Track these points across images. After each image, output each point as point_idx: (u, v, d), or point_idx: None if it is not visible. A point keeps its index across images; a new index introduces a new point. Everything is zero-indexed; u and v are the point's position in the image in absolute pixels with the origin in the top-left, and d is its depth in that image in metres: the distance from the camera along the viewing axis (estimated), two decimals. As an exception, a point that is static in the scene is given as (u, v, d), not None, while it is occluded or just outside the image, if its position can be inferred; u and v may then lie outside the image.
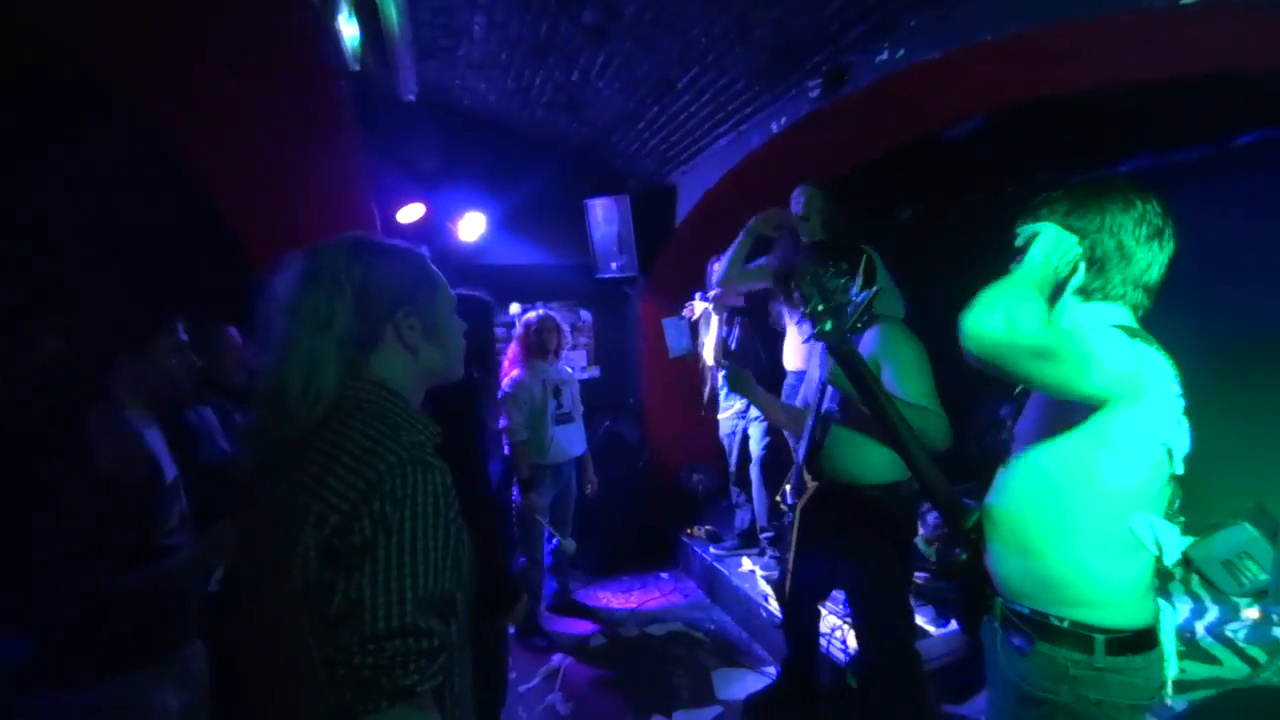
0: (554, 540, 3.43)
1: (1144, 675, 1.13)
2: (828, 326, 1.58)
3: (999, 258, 1.24)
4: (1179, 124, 2.79)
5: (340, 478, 0.78)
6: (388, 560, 0.74)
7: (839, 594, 2.69)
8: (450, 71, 3.38)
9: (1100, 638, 1.11)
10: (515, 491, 3.34)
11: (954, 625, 2.72)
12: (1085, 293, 1.19)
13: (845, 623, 2.69)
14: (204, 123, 1.61)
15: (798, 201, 2.90)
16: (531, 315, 3.45)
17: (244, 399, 1.93)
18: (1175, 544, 1.09)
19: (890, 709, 2.09)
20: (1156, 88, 2.50)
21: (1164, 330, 1.19)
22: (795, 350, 3.13)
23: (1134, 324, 1.17)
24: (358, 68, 2.27)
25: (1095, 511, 1.12)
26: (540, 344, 3.38)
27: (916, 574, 2.84)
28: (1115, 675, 1.11)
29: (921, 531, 3.01)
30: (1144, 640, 1.13)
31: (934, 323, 2.12)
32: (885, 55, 2.56)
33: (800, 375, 3.00)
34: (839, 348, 1.57)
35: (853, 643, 2.52)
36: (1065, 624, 1.12)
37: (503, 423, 3.27)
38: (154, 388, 1.52)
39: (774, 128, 3.19)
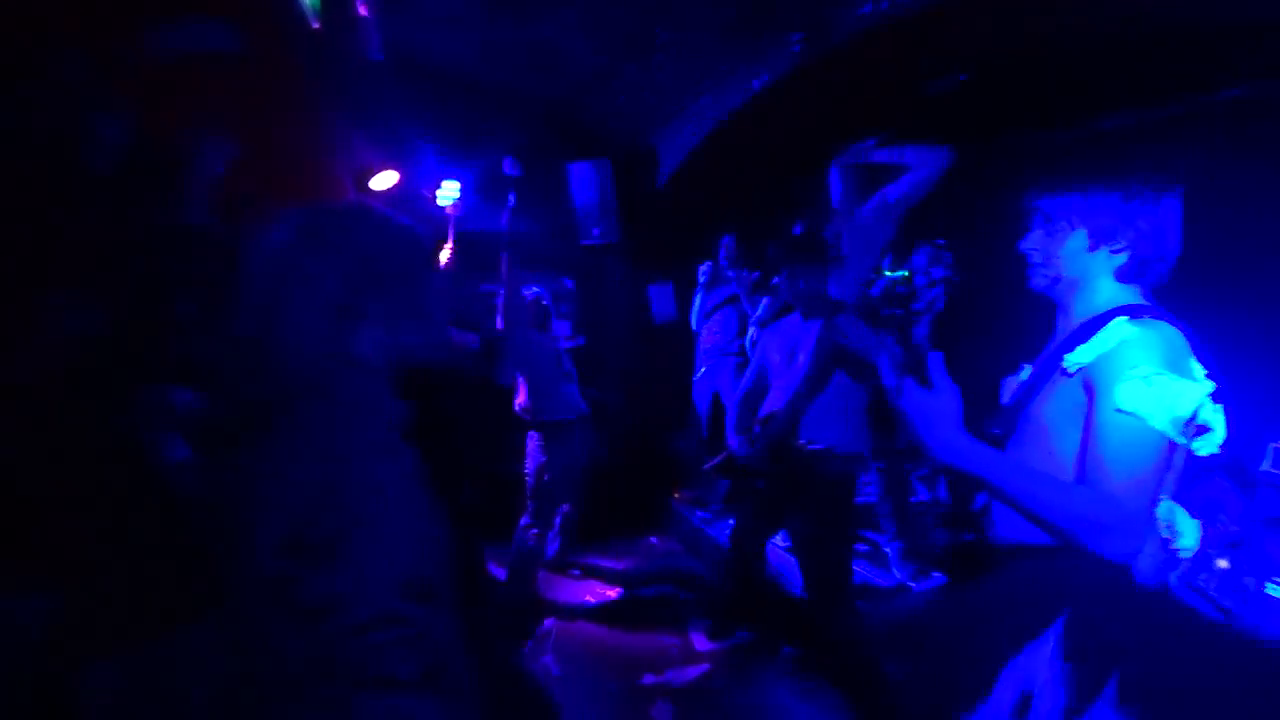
0: (564, 505, 3.55)
1: None
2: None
3: (985, 216, 1.22)
4: (1162, 79, 2.76)
5: (303, 465, 0.74)
6: (360, 551, 0.71)
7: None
8: (419, 28, 3.24)
9: None
10: (531, 459, 3.37)
11: (933, 580, 2.82)
12: None
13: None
14: (154, 86, 1.51)
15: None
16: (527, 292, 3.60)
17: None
18: (1191, 530, 1.08)
19: (839, 656, 2.31)
20: (1139, 40, 2.45)
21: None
22: None
23: None
24: (318, 25, 2.15)
25: None
26: (538, 317, 3.56)
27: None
28: None
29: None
30: None
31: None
32: (868, 8, 2.49)
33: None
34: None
35: None
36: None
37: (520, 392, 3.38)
38: None
39: (755, 85, 3.11)
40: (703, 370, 3.99)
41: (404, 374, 0.92)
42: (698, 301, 4.03)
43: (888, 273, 1.86)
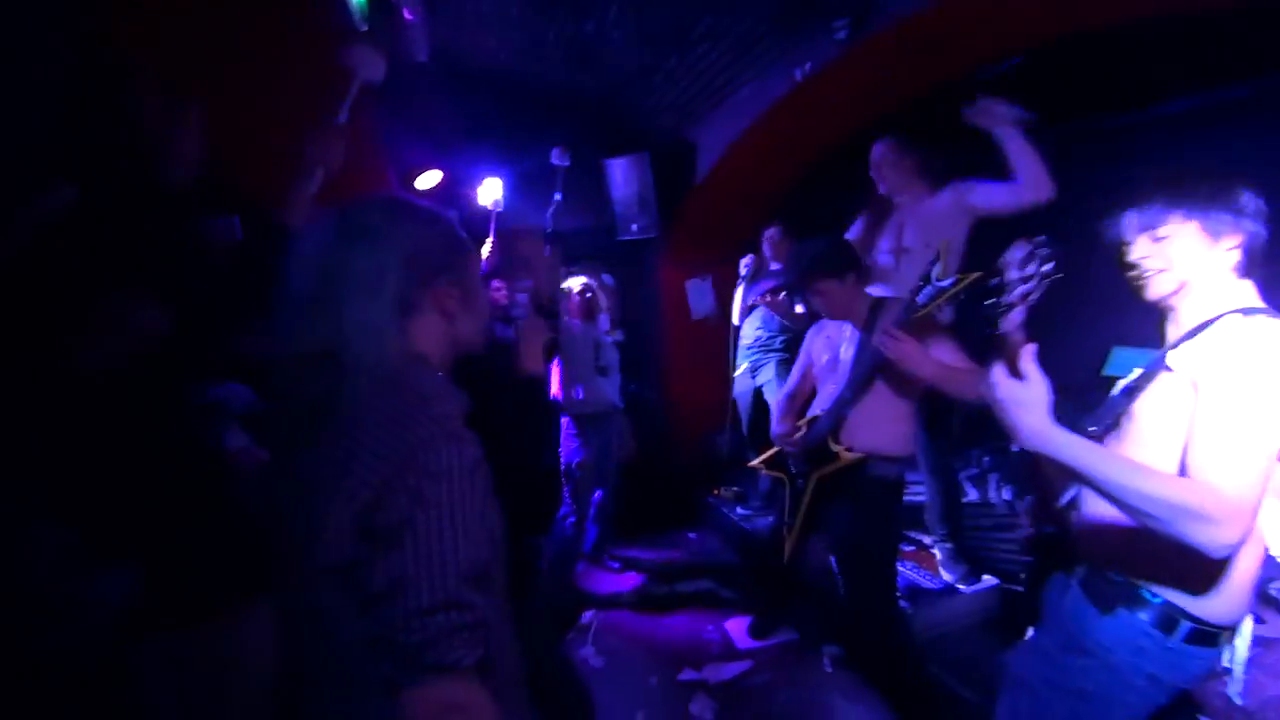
0: (598, 492, 3.60)
1: (1203, 663, 1.12)
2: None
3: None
4: (1226, 59, 2.59)
5: (370, 453, 0.76)
6: (428, 535, 0.72)
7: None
8: (459, 28, 3.29)
9: (1187, 624, 1.08)
10: (567, 451, 3.43)
11: (983, 583, 2.74)
12: None
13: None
14: (205, 89, 1.57)
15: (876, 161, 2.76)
16: (576, 283, 3.67)
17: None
18: None
19: (881, 664, 2.27)
20: (1201, 19, 2.32)
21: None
22: None
23: None
24: (366, 28, 2.21)
25: None
26: (587, 308, 3.63)
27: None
28: (1179, 657, 1.10)
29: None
30: (1223, 637, 1.11)
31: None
32: (915, -11, 2.41)
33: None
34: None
35: None
36: (1158, 600, 1.10)
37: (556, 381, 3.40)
38: None
39: (798, 75, 3.05)
40: (744, 366, 3.95)
41: (460, 364, 0.94)
42: (739, 295, 3.98)
43: (936, 280, 1.76)
